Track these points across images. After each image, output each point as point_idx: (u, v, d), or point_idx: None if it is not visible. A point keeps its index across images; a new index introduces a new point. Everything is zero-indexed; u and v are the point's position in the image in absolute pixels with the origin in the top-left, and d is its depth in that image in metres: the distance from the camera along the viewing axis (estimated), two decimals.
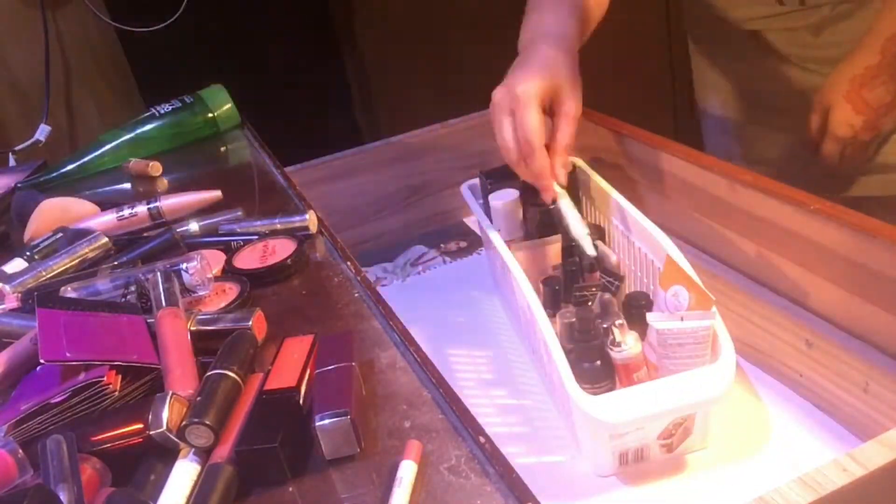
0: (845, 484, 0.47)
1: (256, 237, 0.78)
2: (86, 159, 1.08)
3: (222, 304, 0.68)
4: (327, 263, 0.74)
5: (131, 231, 0.86)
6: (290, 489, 0.49)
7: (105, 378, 0.54)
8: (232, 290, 0.70)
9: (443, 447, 0.49)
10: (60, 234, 0.82)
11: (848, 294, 0.69)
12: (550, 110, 0.75)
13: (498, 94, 0.74)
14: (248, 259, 0.75)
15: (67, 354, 0.54)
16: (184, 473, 0.50)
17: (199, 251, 0.71)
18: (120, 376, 0.56)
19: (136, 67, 1.56)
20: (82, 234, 0.80)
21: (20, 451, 0.50)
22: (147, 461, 0.52)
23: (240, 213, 0.84)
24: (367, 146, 1.15)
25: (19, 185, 1.06)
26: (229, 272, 0.73)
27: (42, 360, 0.54)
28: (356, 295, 0.68)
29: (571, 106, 0.74)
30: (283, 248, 0.75)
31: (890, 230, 0.65)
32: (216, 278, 0.72)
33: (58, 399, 0.54)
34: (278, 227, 0.79)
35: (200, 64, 1.72)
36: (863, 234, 0.66)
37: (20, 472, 0.50)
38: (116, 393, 0.55)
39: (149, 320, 0.63)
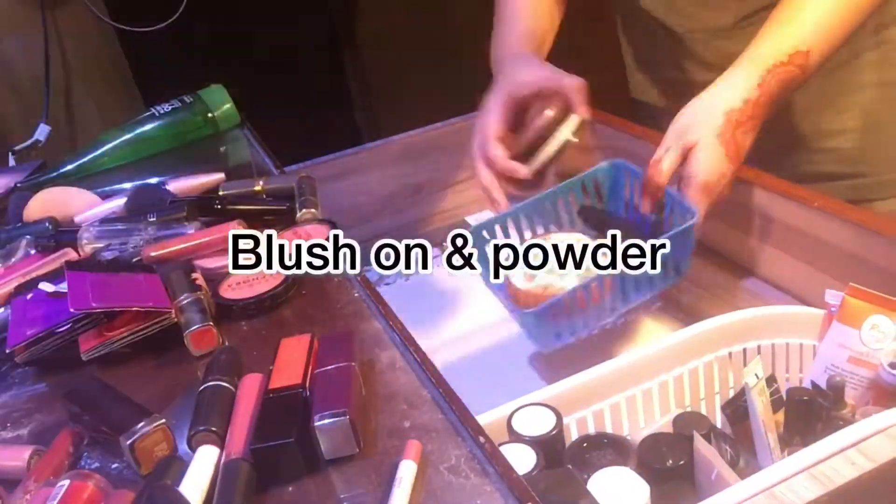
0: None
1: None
2: (85, 159, 1.07)
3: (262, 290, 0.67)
4: None
5: None
6: (290, 489, 0.48)
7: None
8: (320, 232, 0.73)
9: (443, 447, 0.49)
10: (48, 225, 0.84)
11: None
12: None
13: None
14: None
15: (93, 304, 0.62)
16: (204, 461, 0.49)
17: None
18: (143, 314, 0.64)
19: (136, 67, 1.56)
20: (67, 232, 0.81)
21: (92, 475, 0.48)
22: (165, 460, 0.51)
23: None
24: (368, 146, 1.15)
25: (19, 185, 1.05)
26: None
27: (71, 310, 0.62)
28: (356, 295, 0.67)
29: None
30: (317, 234, 0.74)
31: (893, 227, 0.65)
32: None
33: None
34: None
35: (200, 64, 1.72)
36: (867, 231, 0.66)
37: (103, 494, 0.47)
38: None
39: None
